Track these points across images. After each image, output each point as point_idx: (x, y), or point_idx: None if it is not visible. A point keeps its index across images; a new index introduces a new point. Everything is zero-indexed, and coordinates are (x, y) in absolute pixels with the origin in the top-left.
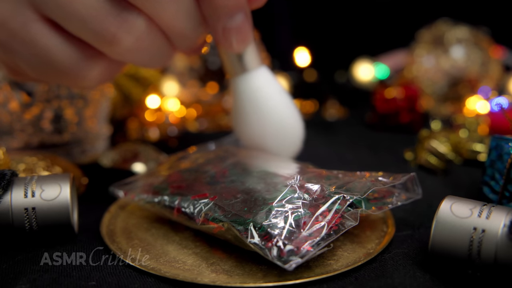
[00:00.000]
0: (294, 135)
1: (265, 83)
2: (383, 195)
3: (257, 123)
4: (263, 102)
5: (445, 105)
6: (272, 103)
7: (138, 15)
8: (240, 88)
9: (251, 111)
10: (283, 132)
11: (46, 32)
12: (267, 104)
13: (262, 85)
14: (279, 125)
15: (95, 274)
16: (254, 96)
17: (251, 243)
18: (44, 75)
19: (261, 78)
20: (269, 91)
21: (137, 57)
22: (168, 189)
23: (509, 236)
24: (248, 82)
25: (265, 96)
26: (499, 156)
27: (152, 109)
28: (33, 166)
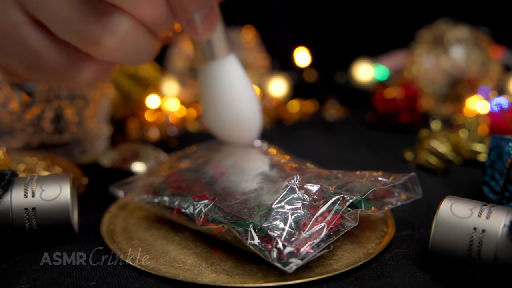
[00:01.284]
0: (249, 128)
1: (225, 74)
2: (383, 195)
3: (214, 111)
4: (220, 92)
5: (445, 105)
6: (229, 94)
7: (122, 16)
8: (203, 75)
9: (211, 100)
10: (238, 124)
11: (35, 34)
12: (223, 94)
13: (222, 76)
14: (234, 116)
15: (95, 274)
16: (213, 86)
17: (251, 245)
18: (36, 75)
19: (221, 70)
20: (228, 82)
21: (123, 56)
22: (168, 189)
23: (509, 236)
24: (209, 71)
25: (223, 87)
26: (499, 156)
27: (152, 109)
28: (33, 166)
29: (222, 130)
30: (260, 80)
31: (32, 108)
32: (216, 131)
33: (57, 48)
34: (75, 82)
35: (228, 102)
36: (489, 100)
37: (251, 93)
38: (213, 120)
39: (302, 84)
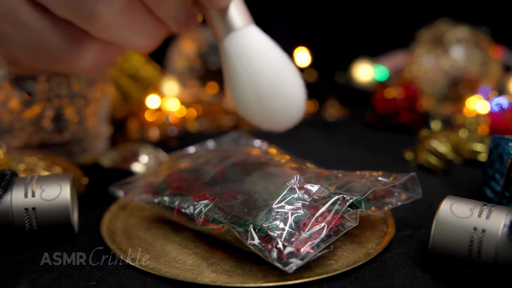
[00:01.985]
0: (294, 94)
1: (256, 40)
2: (383, 195)
3: (250, 85)
4: (255, 59)
5: (445, 105)
6: (266, 60)
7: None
8: (228, 50)
9: (243, 73)
10: (281, 91)
11: (35, 14)
12: (259, 61)
13: (253, 42)
14: (276, 84)
15: (95, 274)
16: (245, 55)
17: (251, 245)
18: (38, 60)
19: (251, 36)
20: (261, 47)
21: (122, 34)
22: (168, 189)
23: (509, 236)
24: (236, 41)
25: (257, 53)
26: (499, 156)
27: (152, 109)
28: (33, 166)
29: (262, 103)
30: None
31: (32, 107)
32: (255, 107)
33: (58, 27)
34: (78, 64)
35: (262, 72)
36: (489, 100)
37: (286, 60)
38: (248, 95)
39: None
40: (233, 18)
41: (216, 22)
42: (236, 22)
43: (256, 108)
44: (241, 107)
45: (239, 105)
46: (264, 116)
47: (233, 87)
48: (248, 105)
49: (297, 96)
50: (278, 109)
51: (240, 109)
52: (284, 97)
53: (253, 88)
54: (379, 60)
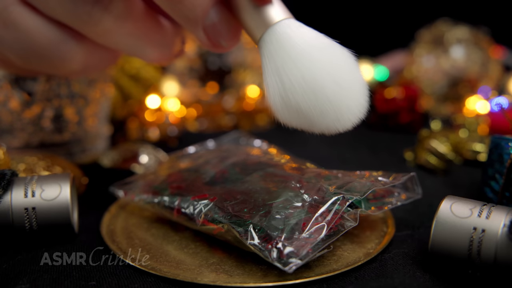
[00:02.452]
0: (352, 90)
1: (306, 30)
2: (383, 195)
3: (304, 81)
4: (313, 52)
5: (445, 105)
6: (325, 52)
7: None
8: (269, 45)
9: (293, 68)
10: (340, 88)
11: (26, 14)
12: (319, 54)
13: (304, 32)
14: (340, 79)
15: (95, 274)
16: (296, 47)
17: (250, 245)
18: (28, 61)
19: (295, 27)
20: (315, 38)
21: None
22: (168, 189)
23: (509, 236)
24: (279, 33)
25: (313, 44)
26: (499, 156)
27: (152, 109)
28: (33, 166)
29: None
30: (260, 80)
31: (32, 107)
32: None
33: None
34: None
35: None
36: (489, 100)
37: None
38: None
39: None
40: (275, 6)
41: (253, 18)
42: (279, 12)
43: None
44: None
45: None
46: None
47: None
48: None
49: (349, 100)
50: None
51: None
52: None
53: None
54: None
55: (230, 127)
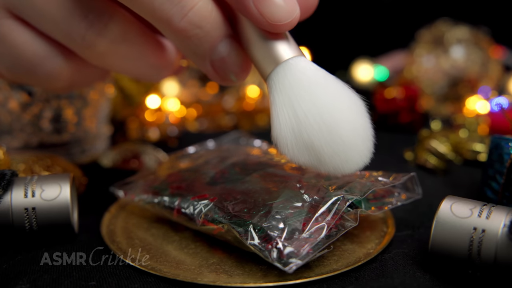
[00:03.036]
0: (362, 136)
1: (315, 68)
2: (383, 195)
3: (320, 117)
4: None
5: (445, 105)
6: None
7: (112, 17)
8: (281, 81)
9: (309, 103)
10: (353, 129)
11: (16, 29)
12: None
13: (313, 70)
14: (348, 119)
15: (95, 274)
16: (306, 83)
17: (250, 245)
18: (18, 75)
19: (308, 64)
20: (321, 76)
21: (120, 64)
22: (168, 189)
23: (509, 236)
24: (293, 69)
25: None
26: (499, 156)
27: (152, 109)
28: (33, 166)
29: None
30: (260, 80)
31: (31, 107)
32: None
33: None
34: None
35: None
36: (489, 100)
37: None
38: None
39: None
40: (288, 42)
41: (264, 53)
42: (288, 51)
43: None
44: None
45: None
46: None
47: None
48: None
49: (359, 143)
50: (339, 152)
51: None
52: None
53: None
54: (379, 60)
55: (230, 127)
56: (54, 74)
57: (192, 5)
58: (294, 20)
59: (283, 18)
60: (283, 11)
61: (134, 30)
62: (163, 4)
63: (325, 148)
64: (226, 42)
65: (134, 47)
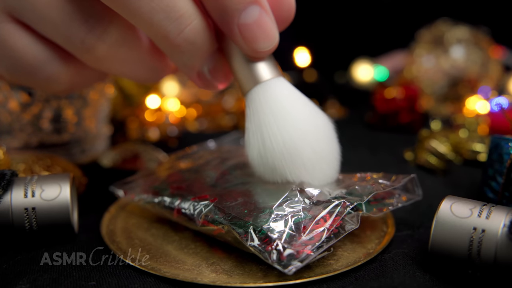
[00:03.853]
0: (326, 159)
1: (288, 93)
2: (383, 196)
3: (284, 145)
4: (285, 113)
5: (445, 105)
6: (306, 115)
7: (111, 22)
8: (256, 101)
9: (276, 131)
10: (316, 156)
11: (16, 33)
12: (300, 116)
13: (285, 95)
14: (311, 147)
15: (95, 274)
16: (281, 108)
17: (251, 246)
18: (17, 76)
19: (283, 88)
20: (298, 101)
21: (118, 67)
22: (168, 189)
23: (509, 236)
24: (267, 92)
25: (287, 107)
26: (499, 156)
27: (152, 109)
28: (33, 166)
29: (288, 164)
30: None
31: (31, 107)
32: (279, 168)
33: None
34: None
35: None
36: (489, 100)
37: (322, 115)
38: (274, 154)
39: (302, 84)
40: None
41: (245, 72)
42: (270, 71)
43: (281, 169)
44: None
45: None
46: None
47: (255, 145)
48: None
49: (327, 161)
50: (302, 175)
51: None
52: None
53: (281, 147)
54: (379, 60)
55: (230, 127)
56: (53, 78)
57: (188, 23)
58: (273, 47)
59: (264, 46)
60: (265, 40)
61: (133, 34)
62: (162, 20)
63: (287, 172)
64: (213, 56)
65: (133, 51)
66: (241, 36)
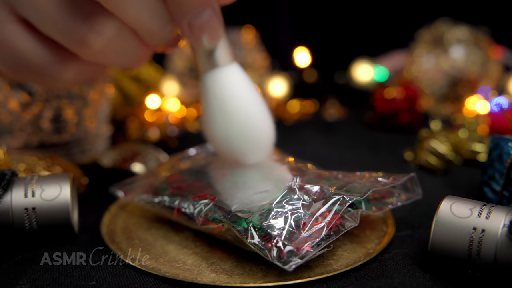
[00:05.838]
0: (261, 138)
1: (234, 80)
2: (383, 195)
3: (221, 122)
4: (229, 99)
5: (445, 105)
6: (239, 101)
7: (109, 18)
8: (207, 85)
9: (216, 110)
10: (249, 134)
11: (20, 33)
12: (233, 102)
13: (230, 82)
14: (245, 125)
15: (95, 274)
16: (220, 94)
17: (251, 244)
18: (20, 75)
19: (230, 75)
20: (237, 88)
21: (110, 58)
22: (168, 189)
23: (509, 236)
24: (216, 79)
25: (232, 94)
26: (499, 156)
27: (152, 109)
28: (33, 166)
29: (230, 142)
30: (260, 80)
31: (31, 107)
32: (223, 144)
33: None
34: (59, 83)
35: (234, 113)
36: (489, 100)
37: (260, 104)
38: (219, 132)
39: (302, 84)
40: (216, 55)
41: (200, 57)
42: (218, 60)
43: (224, 145)
44: (210, 139)
45: (209, 136)
46: (229, 154)
47: (206, 119)
48: (217, 139)
49: (265, 140)
50: (245, 149)
51: (210, 140)
52: (252, 139)
53: (225, 127)
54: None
55: None
56: (56, 76)
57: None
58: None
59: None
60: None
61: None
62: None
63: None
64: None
65: (128, 43)
66: (190, 33)
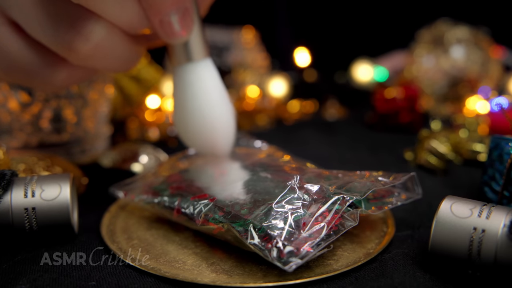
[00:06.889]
0: (220, 135)
1: (200, 77)
2: (383, 195)
3: (185, 117)
4: (193, 96)
5: (445, 105)
6: (197, 101)
7: (96, 22)
8: (176, 78)
9: (182, 104)
10: (209, 130)
11: (10, 35)
12: (192, 101)
13: (195, 79)
14: (204, 122)
15: (95, 274)
16: (184, 89)
17: (251, 244)
18: (12, 76)
19: (197, 72)
20: (201, 86)
21: (99, 63)
22: (168, 189)
23: (509, 236)
24: (183, 73)
25: (193, 92)
26: (499, 156)
27: (152, 109)
28: (33, 166)
29: (192, 137)
30: (260, 80)
31: (31, 107)
32: (186, 139)
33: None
34: (50, 86)
35: (200, 107)
36: (489, 100)
37: (225, 100)
38: (184, 126)
39: (302, 84)
40: (190, 49)
41: (173, 49)
42: (192, 54)
43: (189, 136)
44: (177, 128)
45: (176, 125)
46: (194, 144)
47: (176, 109)
48: (184, 130)
49: (226, 136)
50: (200, 147)
51: (177, 129)
52: (211, 135)
53: (186, 122)
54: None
55: None
56: (47, 80)
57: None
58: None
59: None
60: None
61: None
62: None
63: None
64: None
65: (115, 47)
66: (160, 29)
